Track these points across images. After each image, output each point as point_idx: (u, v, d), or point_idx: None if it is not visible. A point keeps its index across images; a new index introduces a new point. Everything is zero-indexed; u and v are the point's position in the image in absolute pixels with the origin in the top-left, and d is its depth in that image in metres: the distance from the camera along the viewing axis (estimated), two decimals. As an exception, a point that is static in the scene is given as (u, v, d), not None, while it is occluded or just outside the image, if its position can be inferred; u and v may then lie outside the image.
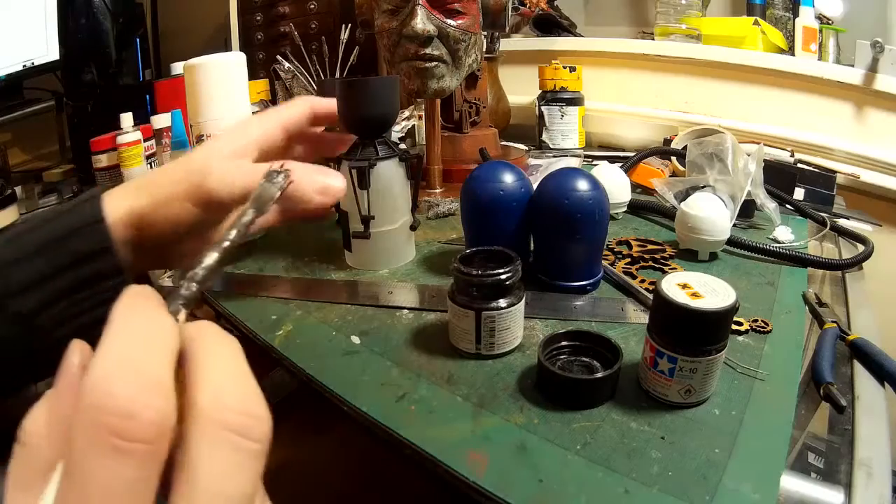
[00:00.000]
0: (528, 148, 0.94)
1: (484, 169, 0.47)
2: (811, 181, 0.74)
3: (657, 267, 0.50)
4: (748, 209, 0.61)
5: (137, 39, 1.27)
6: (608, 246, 0.54)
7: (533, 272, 0.47)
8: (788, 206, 0.67)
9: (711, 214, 0.50)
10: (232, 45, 1.22)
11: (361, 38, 1.05)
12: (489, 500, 0.27)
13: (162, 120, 0.93)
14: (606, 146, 1.06)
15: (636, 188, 0.73)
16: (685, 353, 0.30)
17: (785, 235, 0.57)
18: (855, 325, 0.46)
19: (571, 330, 0.36)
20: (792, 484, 0.29)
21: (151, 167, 0.92)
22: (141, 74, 1.30)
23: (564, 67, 0.96)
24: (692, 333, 0.31)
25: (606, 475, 0.27)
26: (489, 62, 0.95)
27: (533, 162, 0.87)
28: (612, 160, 0.80)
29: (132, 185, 0.33)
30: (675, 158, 0.76)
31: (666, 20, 1.04)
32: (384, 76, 0.51)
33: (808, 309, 0.44)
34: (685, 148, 0.68)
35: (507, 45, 1.11)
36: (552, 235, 0.45)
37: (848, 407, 0.35)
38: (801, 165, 0.77)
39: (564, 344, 0.36)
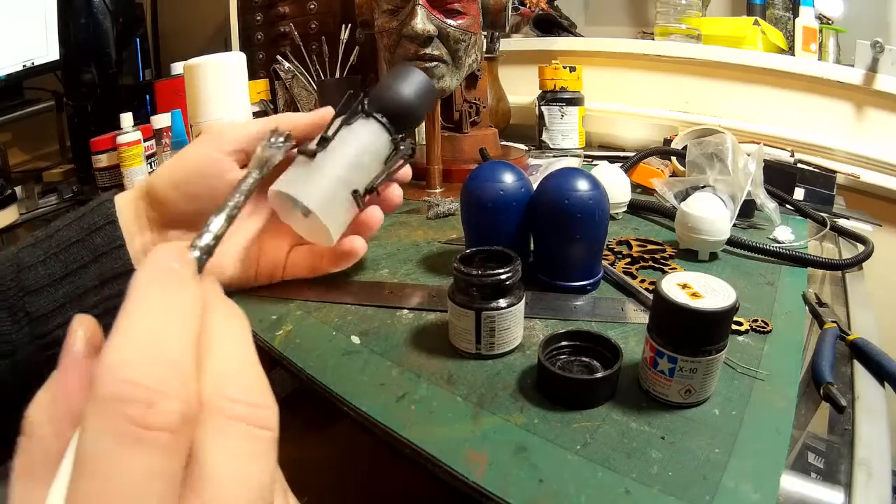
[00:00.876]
0: (528, 148, 0.94)
1: (484, 169, 0.47)
2: (811, 181, 0.74)
3: (657, 267, 0.50)
4: (748, 209, 0.60)
5: (137, 39, 1.27)
6: (608, 246, 0.54)
7: (533, 272, 0.46)
8: (788, 206, 0.66)
9: (711, 214, 0.50)
10: (232, 45, 1.22)
11: (361, 38, 1.05)
12: (489, 500, 0.27)
13: (162, 120, 0.93)
14: (606, 146, 1.06)
15: (636, 188, 0.73)
16: (685, 353, 0.30)
17: (785, 235, 0.57)
18: (855, 325, 0.46)
19: (571, 330, 0.36)
20: (792, 484, 0.29)
21: (151, 167, 0.92)
22: (141, 74, 1.30)
23: (564, 67, 0.95)
24: (692, 333, 0.31)
25: (606, 475, 0.27)
26: (489, 62, 0.95)
27: (533, 162, 0.86)
28: (612, 160, 0.80)
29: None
30: (675, 158, 0.76)
31: (666, 20, 1.04)
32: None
33: (808, 309, 0.44)
34: (685, 148, 0.68)
35: (507, 45, 1.11)
36: (552, 235, 0.45)
37: (848, 407, 0.35)
38: (801, 165, 0.77)
39: (564, 344, 0.36)
